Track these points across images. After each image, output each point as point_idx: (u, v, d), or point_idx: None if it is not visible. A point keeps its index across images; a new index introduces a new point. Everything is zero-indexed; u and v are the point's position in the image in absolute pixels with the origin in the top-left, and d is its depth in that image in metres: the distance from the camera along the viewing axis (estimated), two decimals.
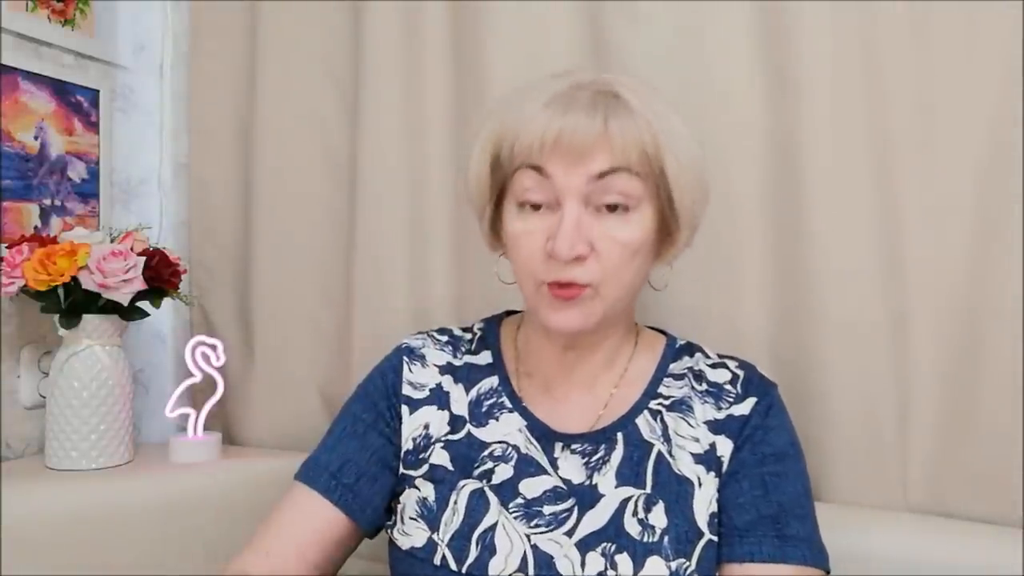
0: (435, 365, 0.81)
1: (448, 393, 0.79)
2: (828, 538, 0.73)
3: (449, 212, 1.12)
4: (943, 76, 0.91)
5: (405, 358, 0.82)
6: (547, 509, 0.71)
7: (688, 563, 0.67)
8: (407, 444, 0.77)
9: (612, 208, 0.68)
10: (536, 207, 0.69)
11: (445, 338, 0.84)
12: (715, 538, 0.69)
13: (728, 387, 0.76)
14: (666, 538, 0.68)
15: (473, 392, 0.79)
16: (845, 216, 0.94)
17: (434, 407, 0.78)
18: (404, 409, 0.79)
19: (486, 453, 0.74)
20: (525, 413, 0.76)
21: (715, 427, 0.73)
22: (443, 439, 0.76)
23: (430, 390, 0.79)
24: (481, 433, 0.76)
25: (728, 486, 0.71)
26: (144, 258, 1.07)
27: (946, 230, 0.91)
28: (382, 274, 1.15)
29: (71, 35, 1.20)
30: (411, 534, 0.72)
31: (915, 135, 0.92)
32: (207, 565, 1.03)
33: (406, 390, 0.79)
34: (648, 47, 1.02)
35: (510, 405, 0.77)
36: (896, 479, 0.93)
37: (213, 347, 1.16)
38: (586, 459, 0.73)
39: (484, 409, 0.77)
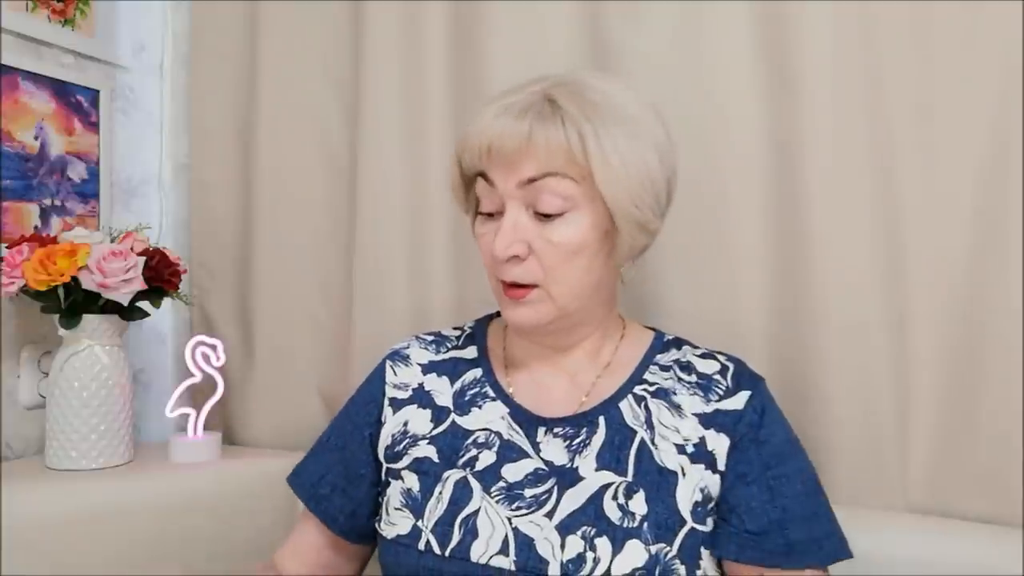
0: (418, 364, 0.83)
1: (430, 392, 0.81)
2: None
3: (449, 212, 1.12)
4: (943, 76, 0.91)
5: (389, 362, 0.84)
6: (528, 492, 0.72)
7: (669, 548, 0.68)
8: (386, 440, 0.80)
9: (548, 216, 0.71)
10: (490, 215, 0.74)
11: (431, 338, 0.87)
12: (699, 527, 0.70)
13: (718, 378, 0.76)
14: (646, 524, 0.69)
15: (457, 383, 0.81)
16: (845, 216, 0.94)
17: (415, 406, 0.80)
18: (388, 411, 0.81)
19: (469, 441, 0.76)
20: (508, 401, 0.78)
21: (705, 420, 0.74)
22: (428, 435, 0.78)
23: (413, 390, 0.82)
24: (464, 421, 0.78)
25: (739, 488, 0.72)
26: (144, 258, 1.07)
27: (946, 230, 0.91)
28: (382, 274, 1.15)
29: (71, 35, 1.20)
30: (396, 523, 0.74)
31: (915, 135, 0.92)
32: (207, 565, 1.03)
33: (391, 392, 0.82)
34: (648, 47, 1.02)
35: (493, 394, 0.79)
36: (896, 479, 0.93)
37: (213, 347, 1.16)
38: (568, 442, 0.74)
39: (467, 398, 0.79)
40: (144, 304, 1.10)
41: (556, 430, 0.75)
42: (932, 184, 0.92)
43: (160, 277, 1.10)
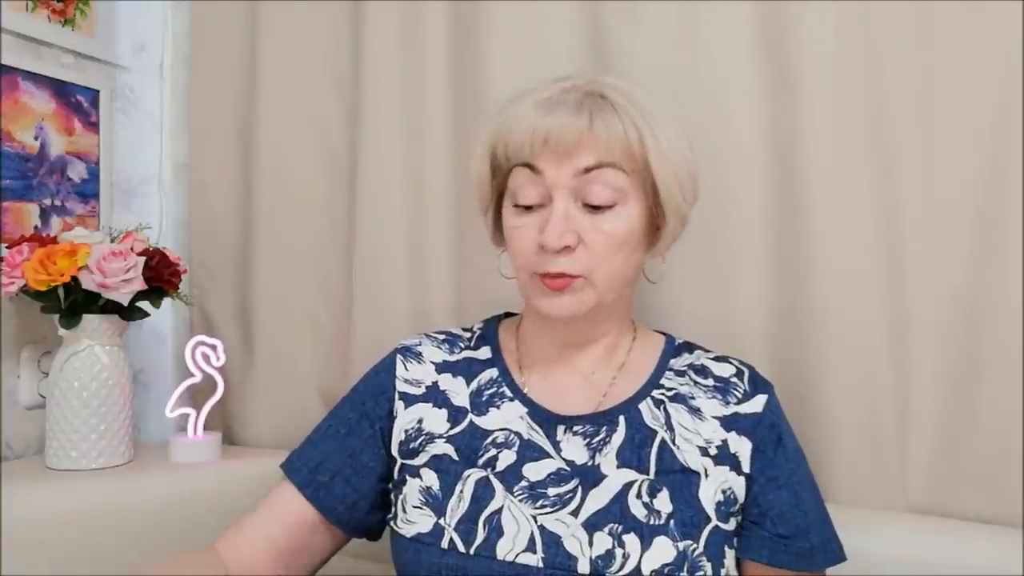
0: (431, 362, 0.83)
1: (445, 391, 0.80)
2: None
3: (449, 212, 1.12)
4: (943, 76, 0.91)
5: (400, 356, 0.83)
6: (551, 491, 0.72)
7: (696, 545, 0.69)
8: (399, 435, 0.79)
9: (598, 208, 0.72)
10: (529, 208, 0.73)
11: (442, 336, 0.86)
12: (723, 525, 0.71)
13: (735, 381, 0.77)
14: (672, 521, 0.69)
15: (474, 384, 0.80)
16: (845, 216, 0.94)
17: (430, 404, 0.80)
18: (399, 405, 0.80)
19: (488, 441, 0.76)
20: (526, 400, 0.78)
21: (726, 423, 0.75)
22: (445, 435, 0.77)
23: (426, 387, 0.81)
24: (483, 421, 0.77)
25: (770, 492, 0.73)
26: (144, 258, 1.07)
27: (946, 230, 0.91)
28: (382, 274, 1.15)
29: (71, 35, 1.20)
30: (416, 521, 0.73)
31: (915, 135, 0.92)
32: None
33: (401, 387, 0.81)
34: (648, 47, 1.02)
35: (510, 394, 0.79)
36: (896, 479, 0.93)
37: (213, 347, 1.16)
38: (588, 440, 0.74)
39: (485, 398, 0.79)
40: (144, 304, 1.10)
41: (576, 428, 0.75)
42: (932, 184, 0.92)
43: (160, 277, 1.10)
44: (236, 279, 1.28)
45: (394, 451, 0.79)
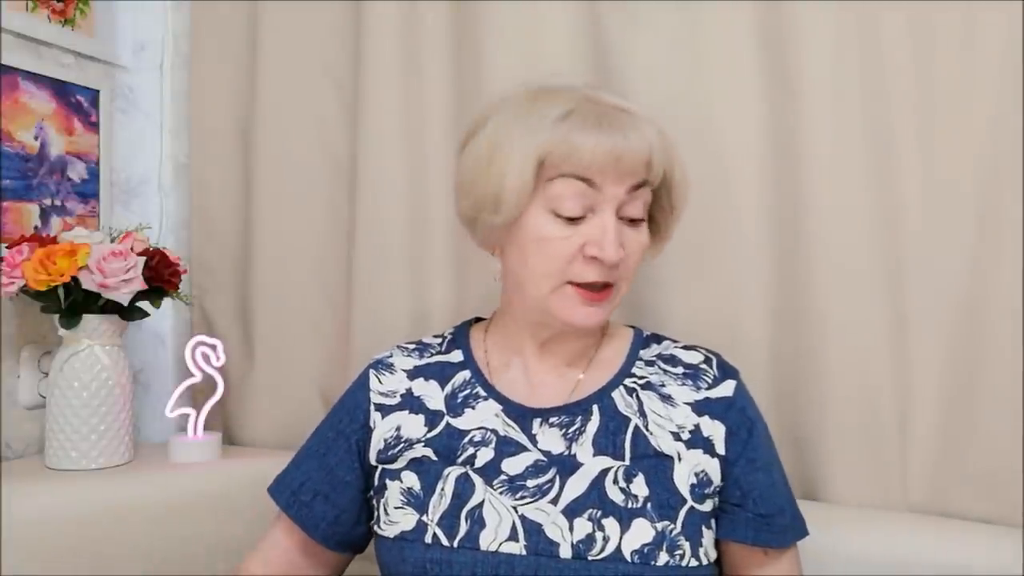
0: (403, 370, 0.84)
1: (420, 397, 0.81)
2: (828, 538, 0.77)
3: (449, 213, 1.11)
4: (943, 76, 0.91)
5: (372, 371, 0.85)
6: (530, 482, 0.73)
7: (673, 525, 0.71)
8: (379, 445, 0.80)
9: (633, 221, 0.75)
10: (571, 219, 0.73)
11: (412, 345, 0.87)
12: (698, 506, 0.72)
13: (704, 367, 0.79)
14: (649, 504, 0.71)
15: (448, 387, 0.81)
16: (845, 216, 0.94)
17: (406, 411, 0.81)
18: (376, 417, 0.81)
19: (466, 440, 0.77)
20: (500, 398, 0.79)
21: (697, 408, 0.76)
22: (423, 439, 0.78)
23: (400, 396, 0.82)
24: (459, 422, 0.78)
25: (750, 474, 0.75)
26: (144, 258, 1.07)
27: (946, 230, 0.91)
28: (382, 274, 1.15)
29: (71, 35, 1.20)
30: (398, 521, 0.74)
31: (915, 135, 0.92)
32: (207, 565, 1.03)
33: (377, 399, 0.82)
34: (648, 47, 1.03)
35: (484, 393, 0.80)
36: (896, 479, 0.94)
37: (213, 347, 1.16)
38: (563, 430, 0.76)
39: (459, 400, 0.80)
40: (144, 304, 1.10)
41: (552, 420, 0.76)
42: (932, 184, 0.92)
43: (160, 277, 1.10)
44: (236, 279, 1.28)
45: (372, 459, 0.80)
